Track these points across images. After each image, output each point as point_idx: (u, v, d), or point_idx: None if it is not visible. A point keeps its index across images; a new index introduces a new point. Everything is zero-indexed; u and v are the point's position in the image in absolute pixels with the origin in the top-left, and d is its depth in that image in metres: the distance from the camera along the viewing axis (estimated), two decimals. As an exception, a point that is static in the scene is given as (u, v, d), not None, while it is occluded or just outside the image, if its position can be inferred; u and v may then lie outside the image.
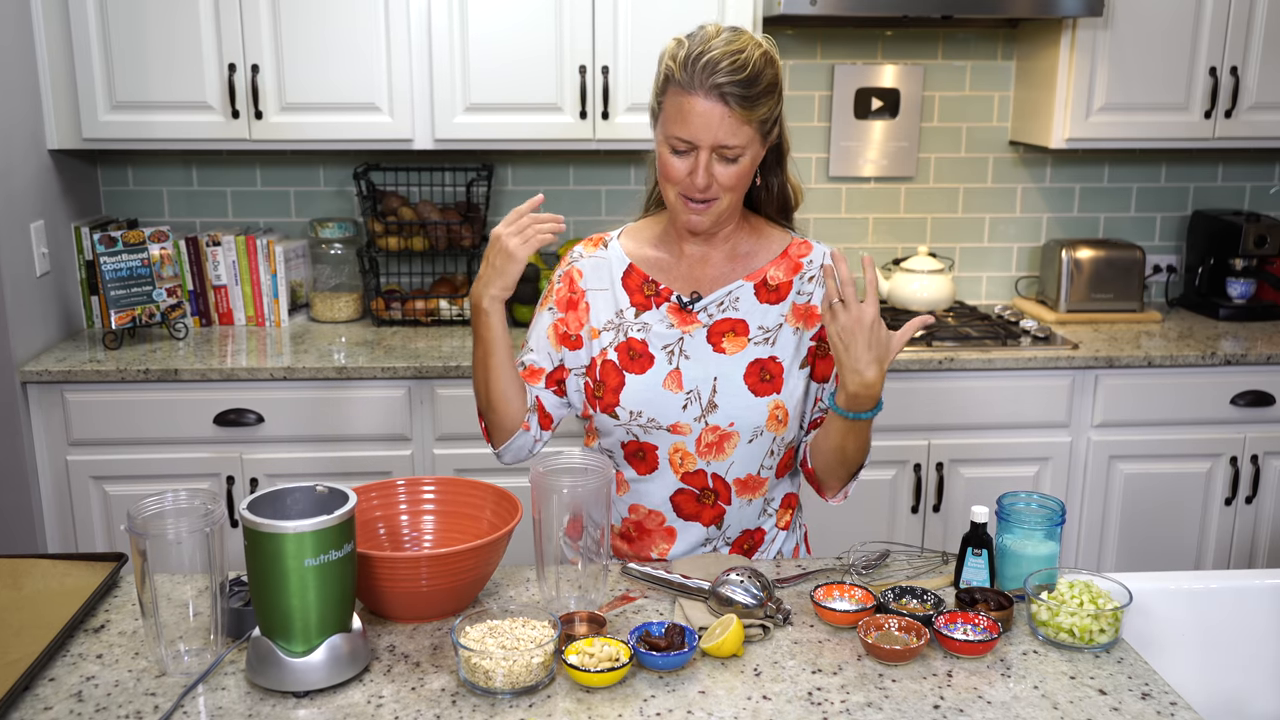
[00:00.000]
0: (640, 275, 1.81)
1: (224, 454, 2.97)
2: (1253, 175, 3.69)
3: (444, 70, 3.07)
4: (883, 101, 3.51)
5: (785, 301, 1.79)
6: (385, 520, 1.73)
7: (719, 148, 1.64)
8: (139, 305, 3.14)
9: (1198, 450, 3.18)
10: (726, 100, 1.61)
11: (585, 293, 1.82)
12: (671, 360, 1.77)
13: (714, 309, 1.78)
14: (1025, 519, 1.66)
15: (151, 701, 1.39)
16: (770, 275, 1.79)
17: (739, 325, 1.78)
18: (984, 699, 1.41)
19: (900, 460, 3.12)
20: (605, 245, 1.85)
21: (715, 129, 1.62)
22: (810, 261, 1.80)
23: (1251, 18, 3.21)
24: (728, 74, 1.60)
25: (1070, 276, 3.45)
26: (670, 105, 1.66)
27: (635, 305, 1.80)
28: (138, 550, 1.40)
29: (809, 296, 1.79)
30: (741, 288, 1.79)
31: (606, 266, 1.83)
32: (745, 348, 1.77)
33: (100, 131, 3.06)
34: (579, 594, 1.60)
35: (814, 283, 1.79)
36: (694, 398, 1.76)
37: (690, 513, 1.81)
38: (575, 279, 1.83)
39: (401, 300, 3.34)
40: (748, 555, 1.86)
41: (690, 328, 1.78)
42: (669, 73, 1.66)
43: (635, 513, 1.83)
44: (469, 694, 1.40)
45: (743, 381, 1.75)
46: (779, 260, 1.80)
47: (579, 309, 1.82)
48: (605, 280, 1.82)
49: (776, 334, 1.77)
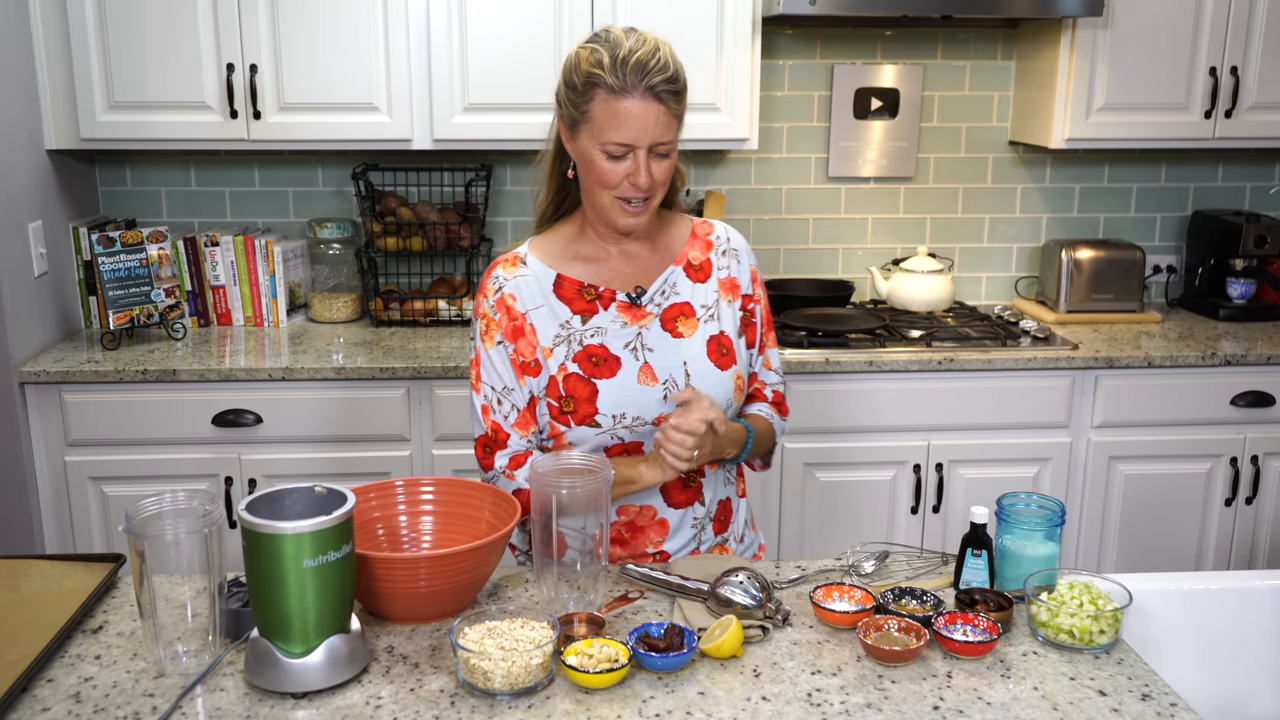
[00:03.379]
0: (574, 283, 1.80)
1: (222, 455, 2.96)
2: (1253, 175, 3.69)
3: (443, 70, 3.07)
4: (882, 101, 3.51)
5: (712, 278, 1.86)
6: (384, 521, 1.73)
7: (655, 146, 1.68)
8: (137, 306, 3.13)
9: (1198, 451, 3.18)
10: (661, 99, 1.65)
11: (525, 315, 1.78)
12: (638, 356, 1.78)
13: (659, 298, 1.82)
14: (1025, 520, 1.66)
15: (150, 703, 1.38)
16: (691, 256, 1.86)
17: (685, 308, 1.82)
18: (984, 700, 1.40)
19: (900, 461, 3.11)
20: (523, 263, 1.81)
21: (652, 128, 1.66)
22: (718, 238, 1.89)
23: (1251, 18, 3.20)
24: (658, 74, 1.64)
25: (1070, 277, 3.45)
26: (602, 111, 1.66)
27: (579, 313, 1.79)
28: (136, 551, 1.40)
29: (727, 270, 1.87)
30: (674, 272, 1.84)
31: (534, 283, 1.80)
32: (698, 328, 1.82)
33: (98, 131, 3.05)
34: (578, 595, 1.60)
35: (727, 256, 1.88)
36: (671, 385, 1.78)
37: (678, 499, 1.84)
38: (511, 305, 1.79)
39: (400, 300, 3.34)
40: (725, 527, 1.90)
41: (644, 321, 1.80)
42: (594, 79, 1.65)
43: (625, 513, 1.83)
44: (468, 695, 1.40)
45: (708, 359, 1.81)
46: (691, 241, 1.87)
47: (526, 334, 1.78)
48: (538, 297, 1.79)
49: (716, 309, 1.84)
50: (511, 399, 1.79)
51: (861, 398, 3.04)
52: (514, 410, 1.79)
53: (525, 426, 1.79)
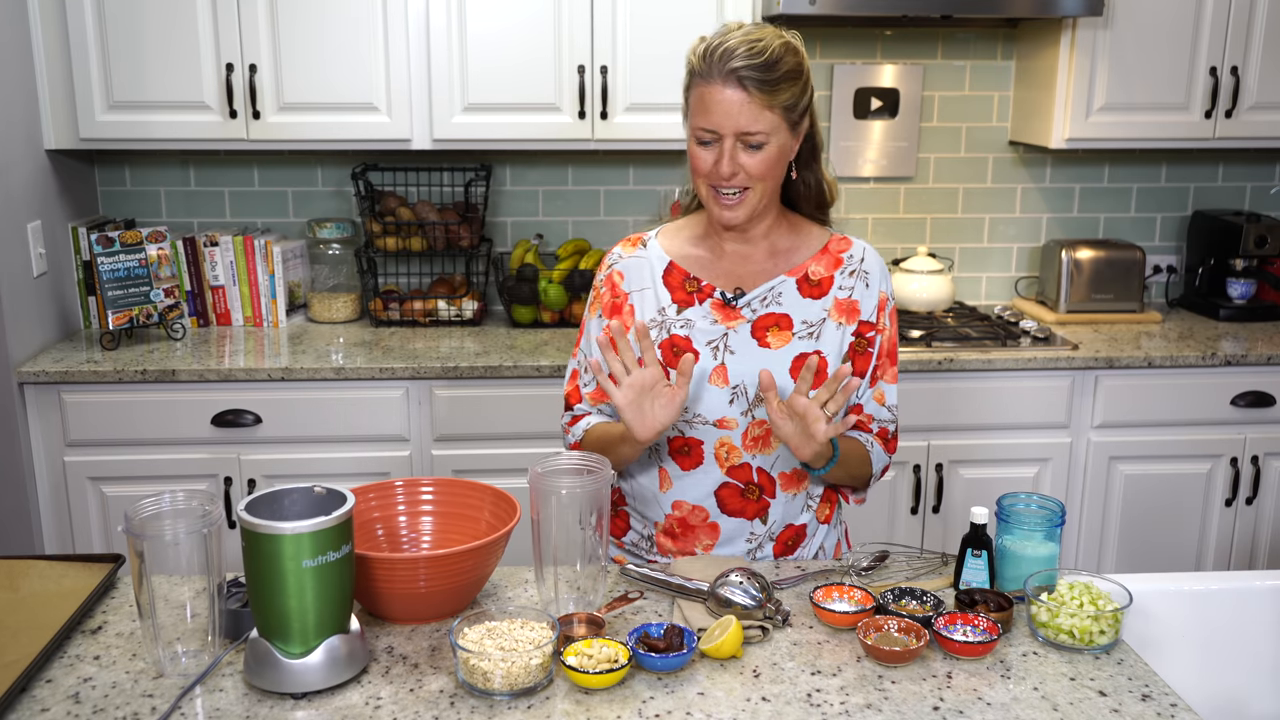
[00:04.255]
0: (681, 273, 1.82)
1: (222, 455, 2.96)
2: (1253, 175, 3.69)
3: (442, 70, 3.06)
4: (882, 101, 3.50)
5: (827, 296, 1.80)
6: (383, 521, 1.73)
7: (741, 134, 1.66)
8: (136, 306, 3.13)
9: (1198, 451, 3.18)
10: (745, 85, 1.63)
11: (628, 295, 1.83)
12: (716, 356, 1.77)
13: (757, 304, 1.79)
14: (1025, 520, 1.66)
15: (149, 703, 1.38)
16: (812, 270, 1.81)
17: (783, 320, 1.79)
18: (984, 700, 1.40)
19: (900, 461, 3.11)
20: (644, 245, 1.86)
21: (736, 115, 1.65)
22: (851, 256, 1.83)
23: (1251, 18, 3.20)
24: (744, 59, 1.63)
25: (1070, 277, 3.44)
26: (694, 98, 1.69)
27: (677, 302, 1.80)
28: (135, 551, 1.40)
29: (850, 291, 1.81)
30: (784, 283, 1.80)
31: (647, 265, 1.83)
32: (790, 342, 1.77)
33: (97, 131, 3.05)
34: (577, 595, 1.60)
35: (855, 277, 1.81)
36: (740, 392, 1.76)
37: (735, 508, 1.81)
38: (617, 282, 1.84)
39: (399, 301, 3.33)
40: (790, 551, 1.86)
41: (734, 323, 1.79)
42: (691, 67, 1.69)
43: (679, 509, 1.82)
44: (467, 695, 1.40)
45: (789, 375, 1.76)
46: (819, 255, 1.82)
47: (623, 312, 1.82)
48: (646, 279, 1.83)
49: (820, 328, 1.79)
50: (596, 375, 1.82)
51: (861, 398, 3.04)
52: (593, 382, 1.84)
53: (600, 399, 1.84)
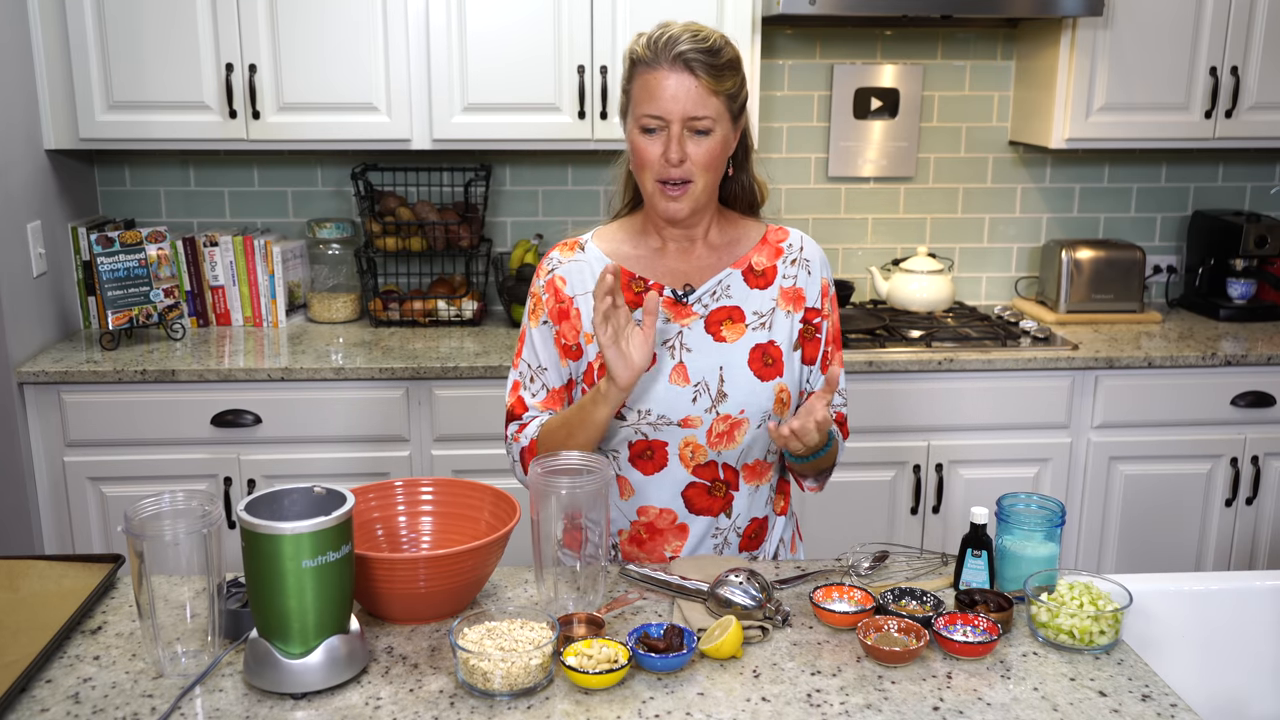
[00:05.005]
0: (625, 274, 1.80)
1: (221, 455, 2.96)
2: (1253, 175, 3.68)
3: (442, 70, 3.06)
4: (882, 101, 3.50)
5: (773, 285, 1.81)
6: (383, 521, 1.73)
7: (689, 120, 1.66)
8: (136, 306, 3.13)
9: (1198, 451, 3.18)
10: (692, 68, 1.65)
11: (573, 299, 1.80)
12: (674, 355, 1.77)
13: (708, 299, 1.79)
14: (1025, 520, 1.66)
15: (149, 703, 1.38)
16: (755, 261, 1.82)
17: (735, 312, 1.79)
18: (984, 701, 1.40)
19: (900, 461, 3.11)
20: (581, 248, 1.84)
21: (684, 100, 1.65)
22: (790, 245, 1.84)
23: (1251, 18, 3.20)
24: (689, 44, 1.65)
25: (1070, 277, 3.44)
26: (638, 87, 1.69)
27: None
28: (135, 551, 1.40)
29: (794, 280, 1.82)
30: (730, 275, 1.81)
31: (588, 269, 1.81)
32: (744, 334, 1.78)
33: (97, 131, 3.05)
34: (577, 595, 1.60)
35: (796, 265, 1.83)
36: (702, 389, 1.76)
37: (701, 506, 1.81)
38: (560, 287, 1.81)
39: (399, 301, 3.33)
40: (755, 545, 1.86)
41: (687, 320, 1.78)
42: (635, 57, 1.70)
43: (645, 514, 1.82)
44: (467, 695, 1.40)
45: (748, 368, 1.76)
46: (759, 246, 1.84)
47: (570, 317, 1.80)
48: (589, 283, 1.80)
49: (770, 318, 1.80)
50: (544, 378, 1.81)
51: (861, 398, 3.03)
52: (544, 390, 1.81)
53: (552, 406, 1.81)
